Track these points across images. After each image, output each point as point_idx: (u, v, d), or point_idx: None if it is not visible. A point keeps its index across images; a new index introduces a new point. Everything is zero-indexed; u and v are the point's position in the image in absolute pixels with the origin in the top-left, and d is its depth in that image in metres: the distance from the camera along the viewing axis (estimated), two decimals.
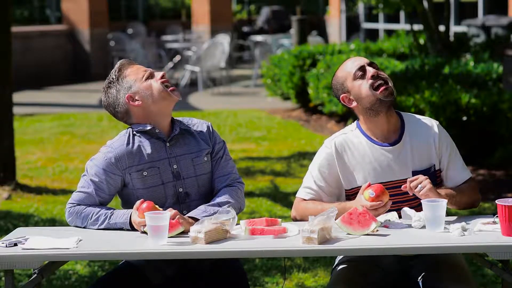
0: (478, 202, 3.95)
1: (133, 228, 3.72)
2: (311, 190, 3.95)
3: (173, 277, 3.85)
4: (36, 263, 3.46)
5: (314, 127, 11.94)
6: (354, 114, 3.99)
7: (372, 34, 19.88)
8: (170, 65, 17.70)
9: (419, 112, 8.59)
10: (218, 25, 21.21)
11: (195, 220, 3.67)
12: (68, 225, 3.85)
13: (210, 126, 3.99)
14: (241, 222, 3.65)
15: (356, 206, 3.65)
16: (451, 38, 12.17)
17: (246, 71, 19.68)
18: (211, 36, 20.38)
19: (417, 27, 12.91)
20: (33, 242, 3.52)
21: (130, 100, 3.85)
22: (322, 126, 11.96)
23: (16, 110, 9.63)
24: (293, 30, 15.98)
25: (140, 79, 3.86)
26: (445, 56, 11.10)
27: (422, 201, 3.61)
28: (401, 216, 3.79)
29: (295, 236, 3.57)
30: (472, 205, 3.91)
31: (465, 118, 8.51)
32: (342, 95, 3.94)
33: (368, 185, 3.74)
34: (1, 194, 8.12)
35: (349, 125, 4.06)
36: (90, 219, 3.78)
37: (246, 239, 3.54)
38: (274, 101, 14.44)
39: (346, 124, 11.15)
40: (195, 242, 3.47)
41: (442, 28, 11.74)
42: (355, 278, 3.77)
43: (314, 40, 17.91)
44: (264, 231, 3.57)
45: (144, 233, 3.63)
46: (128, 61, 3.94)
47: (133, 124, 3.89)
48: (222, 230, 3.53)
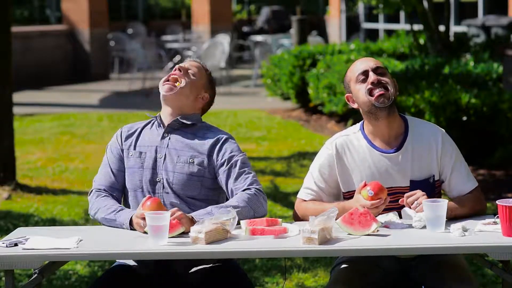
0: (483, 212, 3.88)
1: (132, 227, 3.73)
2: (311, 191, 3.95)
3: (171, 278, 3.85)
4: (36, 263, 3.46)
5: (314, 127, 11.94)
6: (354, 114, 3.98)
7: (372, 34, 19.87)
8: (170, 65, 17.70)
9: (419, 112, 8.59)
10: (218, 25, 21.21)
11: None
12: (68, 225, 3.85)
13: (222, 137, 3.96)
14: (241, 222, 3.65)
15: (355, 206, 3.65)
16: (451, 38, 12.17)
17: (246, 71, 19.68)
18: (211, 36, 20.38)
19: (417, 27, 12.91)
20: (33, 242, 3.52)
21: None
22: (322, 126, 11.96)
23: (16, 110, 9.63)
24: (293, 30, 15.99)
25: None
26: (445, 56, 11.10)
27: (423, 201, 3.61)
28: (401, 216, 3.78)
29: (296, 236, 3.56)
30: (475, 215, 3.83)
31: (465, 118, 8.50)
32: (347, 95, 4.00)
33: (364, 184, 3.74)
34: (1, 194, 8.11)
35: (350, 125, 4.05)
36: (103, 207, 3.86)
37: (246, 239, 3.54)
38: (274, 101, 14.44)
39: (346, 124, 11.14)
40: (196, 242, 3.47)
41: (442, 28, 11.74)
42: (355, 278, 3.77)
43: (314, 40, 17.91)
44: (264, 231, 3.57)
45: (144, 233, 3.63)
46: (191, 60, 4.10)
47: None
48: (223, 230, 3.53)
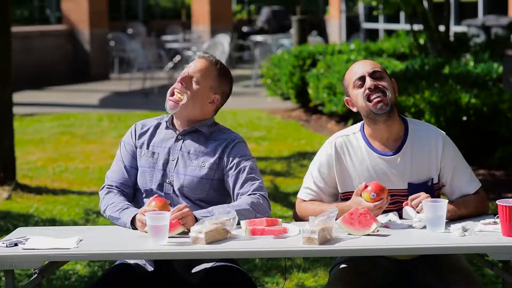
0: (486, 213, 3.87)
1: (134, 227, 3.74)
2: (311, 191, 3.95)
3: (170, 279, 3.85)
4: (36, 263, 3.46)
5: (314, 127, 11.94)
6: (355, 115, 3.98)
7: (372, 34, 19.87)
8: (170, 65, 17.70)
9: (419, 112, 8.59)
10: (218, 25, 21.20)
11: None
12: (68, 225, 3.86)
13: (234, 140, 3.95)
14: (241, 222, 3.65)
15: (356, 207, 3.65)
16: (451, 38, 12.17)
17: (246, 71, 19.67)
18: (211, 36, 20.38)
19: (417, 27, 12.91)
20: (33, 242, 3.52)
21: None
22: (322, 126, 11.96)
23: (16, 110, 9.62)
24: (293, 30, 15.98)
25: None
26: (445, 56, 11.11)
27: (423, 201, 3.61)
28: (402, 215, 3.78)
29: (296, 236, 3.56)
30: (479, 215, 3.82)
31: (465, 118, 8.50)
32: (346, 98, 3.99)
33: (364, 186, 3.73)
34: (1, 194, 8.11)
35: (350, 125, 4.04)
36: (111, 204, 3.87)
37: (246, 239, 3.54)
38: (274, 101, 14.44)
39: (346, 124, 11.14)
40: (196, 242, 3.47)
41: (442, 28, 11.74)
42: (354, 278, 3.76)
43: (314, 40, 17.91)
44: (264, 231, 3.57)
45: (145, 232, 3.63)
46: (200, 55, 4.00)
47: None
48: (223, 230, 3.53)
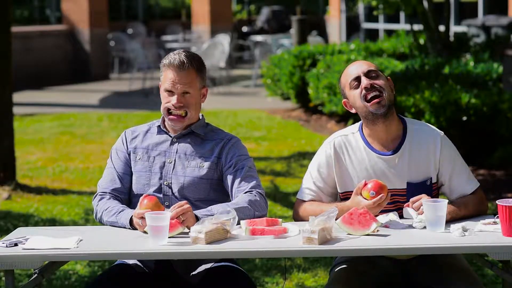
0: (485, 212, 3.87)
1: (133, 227, 3.74)
2: (311, 191, 3.95)
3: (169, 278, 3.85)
4: (36, 263, 3.46)
5: (314, 127, 11.94)
6: (355, 115, 3.98)
7: (372, 34, 19.87)
8: None
9: (419, 112, 8.59)
10: (218, 25, 21.21)
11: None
12: (68, 225, 3.86)
13: (231, 139, 3.96)
14: (241, 222, 3.65)
15: (355, 207, 3.65)
16: (451, 38, 12.17)
17: (246, 71, 19.68)
18: (211, 36, 20.38)
19: (417, 27, 12.91)
20: (33, 242, 3.52)
21: (160, 87, 4.03)
22: (322, 126, 11.96)
23: (16, 110, 9.63)
24: (293, 30, 15.98)
25: (164, 86, 3.96)
26: (445, 56, 11.11)
27: (423, 201, 3.61)
28: (402, 215, 3.78)
29: (296, 236, 3.56)
30: (478, 215, 3.82)
31: (465, 118, 8.50)
32: (343, 100, 3.98)
33: (364, 183, 3.73)
34: (1, 194, 8.11)
35: (351, 125, 4.04)
36: (106, 210, 3.87)
37: (246, 239, 3.54)
38: (274, 101, 14.43)
39: (346, 124, 11.15)
40: (196, 242, 3.47)
41: (442, 28, 11.74)
42: (354, 278, 3.76)
43: (314, 40, 17.90)
44: (264, 231, 3.57)
45: (144, 232, 3.63)
46: (173, 64, 3.90)
47: None
48: (223, 230, 3.53)
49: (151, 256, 3.55)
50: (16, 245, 3.51)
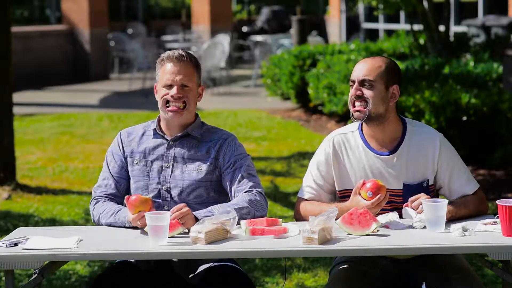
0: (486, 213, 3.87)
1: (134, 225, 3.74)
2: (311, 189, 3.95)
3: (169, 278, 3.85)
4: (36, 263, 3.46)
5: (314, 127, 11.94)
6: (351, 118, 3.97)
7: (372, 34, 19.88)
8: None
9: (419, 112, 8.59)
10: (218, 25, 21.20)
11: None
12: (68, 225, 3.85)
13: (227, 139, 3.95)
14: (241, 222, 3.65)
15: (355, 206, 3.65)
16: (451, 38, 12.17)
17: (246, 71, 19.68)
18: (211, 36, 20.38)
19: (417, 27, 12.91)
20: (33, 242, 3.52)
21: (155, 89, 4.03)
22: (322, 126, 11.96)
23: (16, 110, 9.63)
24: (293, 30, 15.98)
25: (161, 82, 3.94)
26: (445, 56, 11.11)
27: (423, 201, 3.61)
28: (402, 215, 3.78)
29: (296, 236, 3.56)
30: (478, 216, 3.82)
31: (465, 118, 8.50)
32: None
33: (363, 182, 3.73)
34: (1, 194, 8.11)
35: (350, 123, 4.04)
36: (102, 213, 3.86)
37: (246, 239, 3.54)
38: (274, 101, 14.43)
39: (346, 124, 11.13)
40: (196, 242, 3.47)
41: (442, 28, 11.74)
42: (354, 278, 3.77)
43: (314, 40, 17.91)
44: (264, 231, 3.57)
45: (144, 233, 3.63)
46: (173, 57, 3.96)
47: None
48: (223, 230, 3.53)
49: (151, 256, 3.55)
50: (16, 245, 3.51)
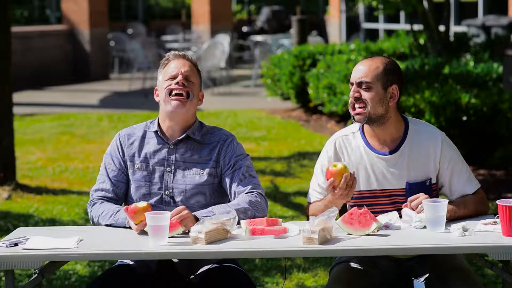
0: (486, 212, 3.87)
1: None
2: (316, 193, 3.97)
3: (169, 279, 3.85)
4: (36, 263, 3.46)
5: (314, 127, 11.94)
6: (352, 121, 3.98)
7: (372, 34, 19.88)
8: None
9: (419, 112, 8.59)
10: (218, 25, 21.21)
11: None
12: (68, 225, 3.85)
13: (226, 140, 3.94)
14: (241, 222, 3.65)
15: (333, 199, 3.71)
16: (451, 38, 12.17)
17: (246, 71, 19.68)
18: (211, 36, 20.38)
19: (417, 27, 12.91)
20: (33, 242, 3.52)
21: (155, 93, 4.00)
22: (322, 126, 11.96)
23: (16, 110, 9.63)
24: (293, 30, 15.98)
25: (166, 76, 3.93)
26: (445, 56, 11.10)
27: (423, 201, 3.61)
28: (401, 216, 3.78)
29: (296, 236, 3.56)
30: (479, 216, 3.81)
31: (465, 118, 8.50)
32: None
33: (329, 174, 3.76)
34: (1, 194, 8.11)
35: (350, 124, 4.04)
36: (101, 214, 3.85)
37: (246, 239, 3.54)
38: (274, 101, 14.44)
39: (346, 124, 11.14)
40: (196, 242, 3.47)
41: (442, 28, 11.74)
42: (354, 278, 3.77)
43: (314, 40, 17.91)
44: (264, 231, 3.57)
45: (144, 233, 3.62)
46: (178, 54, 3.97)
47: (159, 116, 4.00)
48: (223, 230, 3.53)
49: (151, 256, 3.54)
50: (16, 245, 3.51)
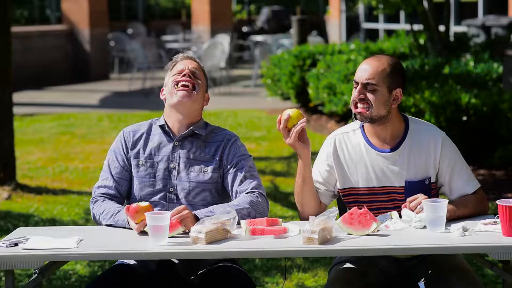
0: (485, 212, 3.87)
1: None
2: (315, 188, 3.95)
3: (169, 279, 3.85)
4: (36, 263, 3.45)
5: (314, 127, 11.93)
6: (352, 119, 3.98)
7: (372, 34, 19.88)
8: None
9: (419, 112, 8.59)
10: (218, 25, 21.21)
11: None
12: (68, 225, 3.86)
13: (230, 140, 3.95)
14: (241, 222, 3.65)
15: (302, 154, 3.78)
16: (451, 38, 12.17)
17: (246, 71, 19.67)
18: (211, 36, 20.38)
19: (417, 27, 12.91)
20: (33, 242, 3.52)
21: (161, 92, 4.02)
22: (322, 126, 11.96)
23: (16, 110, 9.63)
24: (293, 30, 15.98)
25: (173, 72, 3.96)
26: (445, 56, 11.10)
27: (423, 201, 3.61)
28: (401, 216, 3.78)
29: (296, 236, 3.56)
30: (478, 215, 3.81)
31: (465, 118, 8.50)
32: None
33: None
34: (1, 194, 8.11)
35: (352, 122, 4.05)
36: (102, 213, 3.86)
37: (246, 239, 3.54)
38: (274, 101, 14.44)
39: (346, 124, 11.13)
40: (196, 242, 3.47)
41: (442, 28, 11.74)
42: (353, 278, 3.77)
43: (314, 40, 17.91)
44: (264, 231, 3.57)
45: (144, 233, 3.62)
46: (186, 56, 4.02)
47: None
48: (223, 230, 3.53)
49: (151, 256, 3.54)
50: (16, 245, 3.51)
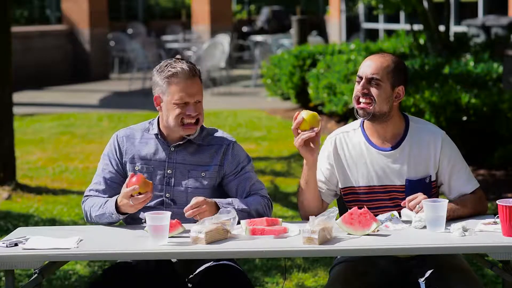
0: (484, 212, 3.87)
1: (120, 213, 3.75)
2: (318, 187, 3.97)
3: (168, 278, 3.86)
4: (36, 263, 3.46)
5: None
6: (354, 115, 3.99)
7: (372, 34, 19.88)
8: None
9: (419, 112, 8.59)
10: (218, 25, 21.21)
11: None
12: (68, 225, 3.86)
13: (229, 144, 3.94)
14: (241, 222, 3.65)
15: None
16: (451, 38, 12.17)
17: (246, 71, 19.67)
18: (211, 36, 20.38)
19: (417, 27, 12.90)
20: (33, 242, 3.52)
21: (156, 99, 3.89)
22: (322, 126, 11.95)
23: (16, 110, 9.63)
24: (293, 30, 15.98)
25: (174, 98, 3.80)
26: (445, 56, 11.10)
27: (423, 201, 3.61)
28: (401, 216, 3.79)
29: (296, 236, 3.56)
30: (477, 215, 3.82)
31: (465, 118, 8.50)
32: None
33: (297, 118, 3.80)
34: (1, 194, 8.11)
35: (352, 121, 4.05)
36: (92, 207, 3.88)
37: (246, 239, 3.54)
38: (274, 101, 14.44)
39: (346, 124, 11.13)
40: (196, 242, 3.47)
41: (442, 28, 11.74)
42: (353, 278, 3.77)
43: (314, 40, 17.91)
44: (264, 231, 3.57)
45: (144, 233, 3.62)
46: (186, 72, 3.80)
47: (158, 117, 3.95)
48: (223, 230, 3.53)
49: (151, 256, 3.54)
50: (16, 245, 3.51)
